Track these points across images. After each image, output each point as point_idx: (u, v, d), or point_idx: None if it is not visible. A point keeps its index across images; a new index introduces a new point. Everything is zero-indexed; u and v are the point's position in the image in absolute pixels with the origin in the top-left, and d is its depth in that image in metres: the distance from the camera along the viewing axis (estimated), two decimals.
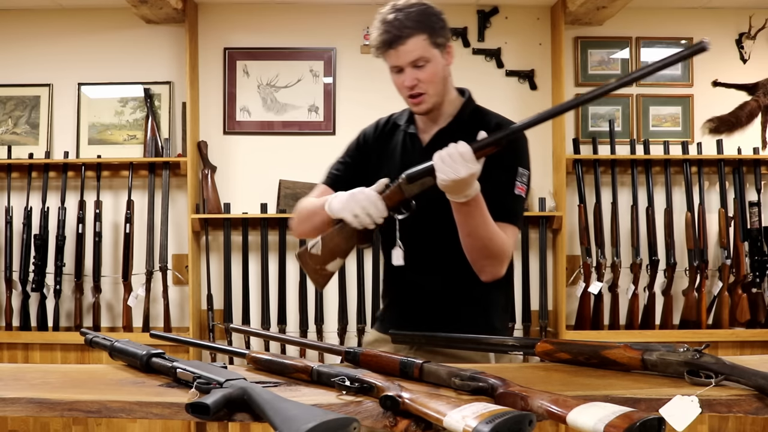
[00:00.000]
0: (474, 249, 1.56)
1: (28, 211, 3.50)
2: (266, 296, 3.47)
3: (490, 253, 1.56)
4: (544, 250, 3.51)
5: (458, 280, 1.67)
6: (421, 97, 1.63)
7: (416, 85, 1.61)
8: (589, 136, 3.64)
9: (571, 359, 1.35)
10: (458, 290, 1.68)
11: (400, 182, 1.52)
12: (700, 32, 3.68)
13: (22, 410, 1.16)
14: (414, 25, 1.57)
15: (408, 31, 1.57)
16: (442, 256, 1.67)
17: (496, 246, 1.55)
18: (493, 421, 0.93)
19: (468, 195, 1.47)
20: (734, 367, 1.17)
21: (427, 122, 1.72)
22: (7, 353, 3.46)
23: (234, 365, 1.45)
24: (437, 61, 1.61)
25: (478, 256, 1.57)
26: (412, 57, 1.59)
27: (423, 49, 1.59)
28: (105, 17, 3.65)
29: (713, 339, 3.39)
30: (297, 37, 3.65)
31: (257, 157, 3.63)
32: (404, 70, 1.61)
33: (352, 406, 1.11)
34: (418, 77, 1.60)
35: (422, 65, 1.60)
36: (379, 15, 1.62)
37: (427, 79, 1.61)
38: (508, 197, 1.61)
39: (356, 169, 1.78)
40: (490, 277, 1.60)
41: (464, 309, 1.69)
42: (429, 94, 1.63)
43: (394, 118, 1.81)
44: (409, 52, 1.58)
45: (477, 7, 3.64)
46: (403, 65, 1.60)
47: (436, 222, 1.62)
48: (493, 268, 1.59)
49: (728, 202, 3.55)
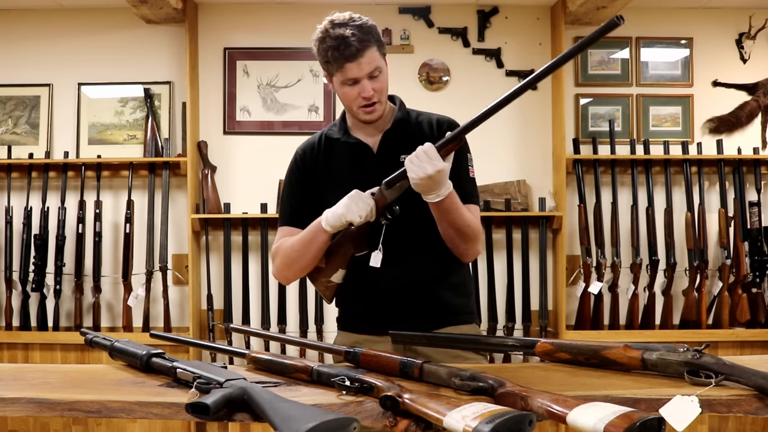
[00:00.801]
0: (455, 238, 1.68)
1: (28, 211, 3.51)
2: (266, 296, 3.47)
3: (468, 238, 1.69)
4: (544, 250, 3.51)
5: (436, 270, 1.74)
6: (374, 106, 1.70)
7: (373, 95, 1.68)
8: (589, 136, 3.64)
9: (571, 359, 1.35)
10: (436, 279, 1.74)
11: (381, 188, 1.61)
12: (700, 32, 3.69)
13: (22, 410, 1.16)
14: (366, 38, 1.64)
15: (364, 44, 1.64)
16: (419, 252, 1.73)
17: (471, 230, 1.68)
18: (493, 421, 0.93)
19: (440, 194, 1.57)
20: (734, 367, 1.17)
21: (368, 129, 1.78)
22: (7, 353, 3.47)
23: (234, 365, 1.45)
24: (385, 71, 1.70)
25: (459, 242, 1.69)
26: (370, 68, 1.65)
27: (377, 59, 1.67)
28: (105, 17, 3.65)
29: (713, 339, 3.39)
30: (297, 37, 3.65)
31: (257, 157, 3.63)
32: (360, 81, 1.66)
33: (352, 406, 1.11)
34: (374, 87, 1.68)
35: (377, 75, 1.67)
36: (324, 32, 1.67)
37: (380, 88, 1.69)
38: (467, 181, 1.74)
39: (308, 197, 1.79)
40: (472, 257, 1.75)
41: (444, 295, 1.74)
42: (381, 102, 1.71)
43: (326, 134, 1.84)
44: (367, 63, 1.65)
45: (477, 7, 3.64)
46: (362, 77, 1.66)
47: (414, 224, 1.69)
48: (473, 248, 1.72)
49: (728, 202, 3.55)
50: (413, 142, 1.59)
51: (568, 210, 3.52)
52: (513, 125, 3.62)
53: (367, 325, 1.76)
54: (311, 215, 1.70)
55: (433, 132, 1.74)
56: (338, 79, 1.68)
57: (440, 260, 1.74)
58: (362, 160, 1.75)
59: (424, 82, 3.56)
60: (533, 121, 3.61)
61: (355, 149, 1.77)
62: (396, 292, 1.72)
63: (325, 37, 1.66)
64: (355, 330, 1.79)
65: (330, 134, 1.83)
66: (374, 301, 1.75)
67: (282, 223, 1.81)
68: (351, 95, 1.69)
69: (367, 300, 1.77)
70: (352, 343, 1.73)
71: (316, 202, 1.74)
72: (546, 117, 3.61)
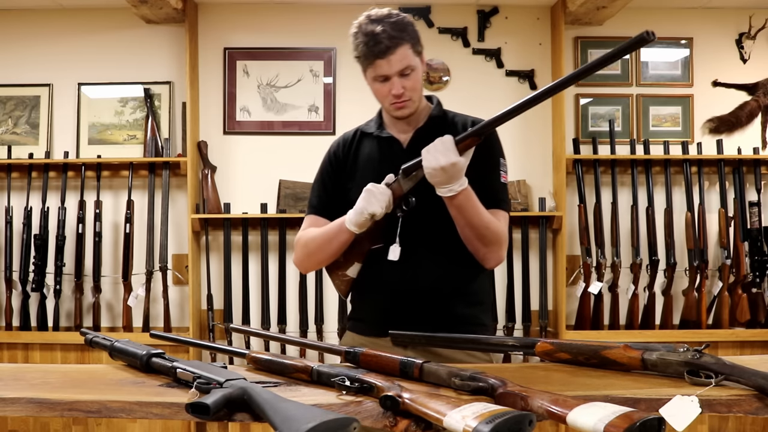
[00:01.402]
0: (473, 239, 1.65)
1: (28, 211, 3.51)
2: (266, 296, 3.47)
3: (488, 241, 1.65)
4: (544, 250, 3.51)
5: (452, 277, 1.72)
6: (405, 103, 1.70)
7: (403, 93, 1.68)
8: (589, 136, 3.64)
9: (571, 359, 1.35)
10: (451, 287, 1.71)
11: (398, 177, 1.62)
12: (700, 32, 3.69)
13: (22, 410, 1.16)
14: (399, 35, 1.64)
15: (396, 41, 1.64)
16: (435, 253, 1.71)
17: (492, 233, 1.65)
18: (493, 421, 0.93)
19: (453, 189, 1.57)
20: (734, 367, 1.17)
21: (402, 126, 1.78)
22: (7, 353, 3.47)
23: (234, 365, 1.45)
24: (419, 69, 1.71)
25: (479, 244, 1.66)
26: (400, 66, 1.66)
27: (409, 58, 1.67)
28: (105, 17, 3.65)
29: (713, 339, 3.39)
30: (297, 37, 3.65)
31: (257, 157, 3.63)
32: (390, 78, 1.67)
33: (352, 406, 1.11)
34: (404, 85, 1.68)
35: (408, 73, 1.68)
36: (358, 27, 1.68)
37: (411, 86, 1.69)
38: (495, 185, 1.72)
39: (337, 189, 1.81)
40: (495, 263, 1.71)
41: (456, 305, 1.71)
42: (413, 99, 1.71)
43: (362, 129, 1.86)
44: (398, 61, 1.65)
45: (477, 7, 3.64)
46: (392, 74, 1.67)
47: (431, 221, 1.68)
48: (495, 253, 1.68)
49: (728, 202, 3.55)
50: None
51: (568, 210, 3.52)
52: (513, 125, 3.57)
53: (372, 328, 1.75)
54: (339, 207, 1.72)
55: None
56: (370, 74, 1.70)
57: (457, 264, 1.71)
58: (391, 155, 1.75)
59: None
60: (533, 121, 3.61)
61: (386, 144, 1.78)
62: (403, 296, 1.71)
63: (358, 32, 1.68)
64: (361, 332, 1.80)
65: (365, 129, 1.85)
66: (382, 302, 1.75)
67: (309, 212, 1.84)
68: (382, 92, 1.70)
69: (375, 301, 1.77)
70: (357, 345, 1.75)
71: (345, 195, 1.76)
72: (546, 117, 3.61)
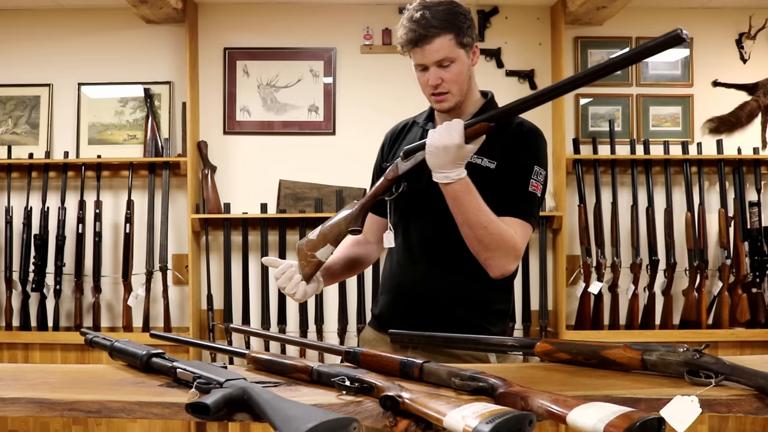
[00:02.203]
0: (472, 239, 1.55)
1: (28, 211, 3.51)
2: (266, 296, 3.47)
3: (487, 244, 1.54)
4: (544, 250, 3.51)
5: (459, 283, 1.68)
6: (444, 96, 1.63)
7: (440, 84, 1.61)
8: (589, 136, 3.64)
9: (571, 359, 1.35)
10: (458, 292, 1.69)
11: (398, 159, 1.58)
12: (700, 32, 3.69)
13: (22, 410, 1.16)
14: (440, 24, 1.57)
15: (435, 31, 1.57)
16: (447, 258, 1.68)
17: (491, 235, 1.53)
18: (493, 421, 0.93)
19: (449, 176, 1.48)
20: (734, 367, 1.17)
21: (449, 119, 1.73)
22: (7, 353, 3.47)
23: (234, 365, 1.45)
24: (462, 61, 1.61)
25: (479, 247, 1.55)
26: (437, 57, 1.58)
27: (449, 49, 1.58)
28: (105, 17, 3.65)
29: (713, 339, 3.39)
30: (297, 37, 3.65)
31: (257, 157, 3.63)
32: (429, 68, 1.61)
33: (352, 406, 1.11)
34: (442, 77, 1.60)
35: (447, 65, 1.60)
36: (406, 11, 1.62)
37: (451, 79, 1.61)
38: (519, 193, 1.61)
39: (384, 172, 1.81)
40: (498, 272, 1.58)
41: (461, 311, 1.68)
42: (452, 93, 1.63)
43: (415, 118, 1.83)
44: (434, 51, 1.58)
45: (477, 7, 3.64)
46: (428, 64, 1.60)
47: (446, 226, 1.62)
48: (498, 261, 1.56)
49: (728, 202, 3.55)
50: (487, 138, 1.50)
51: (568, 210, 3.52)
52: None
53: (382, 324, 1.75)
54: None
55: (508, 136, 1.66)
56: (412, 62, 1.65)
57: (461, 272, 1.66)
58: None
59: None
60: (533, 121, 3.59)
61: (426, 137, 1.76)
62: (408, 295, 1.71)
63: (404, 17, 1.62)
64: (375, 327, 1.80)
65: (416, 119, 1.82)
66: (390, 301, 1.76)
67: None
68: (422, 81, 1.65)
69: (385, 299, 1.78)
70: (370, 340, 1.77)
71: None
72: (546, 117, 3.61)
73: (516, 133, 1.67)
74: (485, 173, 1.61)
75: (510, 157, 1.62)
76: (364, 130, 3.57)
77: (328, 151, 3.62)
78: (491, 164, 1.63)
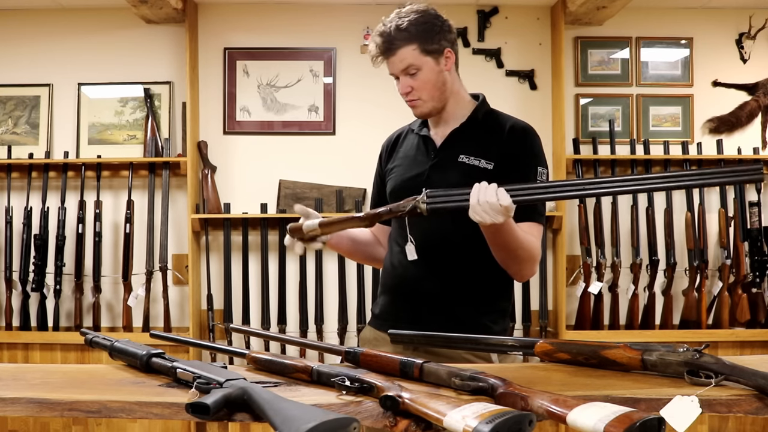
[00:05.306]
0: (507, 259, 1.62)
1: (28, 211, 3.51)
2: (266, 296, 3.47)
3: (522, 259, 1.61)
4: (544, 250, 3.51)
5: (460, 282, 1.70)
6: (415, 102, 1.71)
7: (410, 92, 1.69)
8: (589, 136, 3.64)
9: (571, 359, 1.35)
10: (458, 291, 1.70)
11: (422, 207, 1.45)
12: (700, 32, 3.68)
13: (22, 410, 1.16)
14: (402, 36, 1.65)
15: (397, 43, 1.66)
16: (448, 257, 1.70)
17: (526, 251, 1.60)
18: (493, 421, 0.93)
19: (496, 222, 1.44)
20: (734, 367, 1.17)
21: (439, 124, 1.78)
22: (7, 353, 3.47)
23: (234, 365, 1.45)
24: (429, 68, 1.68)
25: (512, 263, 1.63)
26: (402, 66, 1.68)
27: (413, 58, 1.66)
28: (105, 17, 3.65)
29: (713, 339, 3.39)
30: (297, 37, 3.65)
31: (257, 157, 3.63)
32: (399, 77, 1.70)
33: (352, 406, 1.11)
34: (411, 84, 1.69)
35: (414, 73, 1.68)
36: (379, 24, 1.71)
37: (419, 86, 1.69)
38: None
39: (383, 182, 1.86)
40: (525, 278, 1.69)
41: (463, 310, 1.70)
42: (423, 99, 1.70)
43: (411, 125, 1.88)
44: (398, 61, 1.68)
45: (477, 7, 3.64)
46: (396, 73, 1.70)
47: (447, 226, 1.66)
48: (528, 270, 1.65)
49: (728, 202, 3.55)
50: (479, 143, 1.59)
51: (568, 210, 3.52)
52: None
53: (380, 323, 1.77)
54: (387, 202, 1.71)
55: (503, 137, 1.69)
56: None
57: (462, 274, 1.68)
58: (423, 154, 1.77)
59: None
60: (533, 121, 3.52)
61: (422, 142, 1.79)
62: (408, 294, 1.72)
63: (374, 32, 1.71)
64: (375, 326, 1.81)
65: (412, 126, 1.86)
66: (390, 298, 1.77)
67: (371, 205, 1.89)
68: (397, 89, 1.73)
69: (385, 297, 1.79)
70: (370, 340, 1.78)
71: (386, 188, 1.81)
72: (546, 117, 3.61)
73: (511, 134, 1.71)
74: (483, 174, 1.63)
75: (508, 158, 1.65)
76: (364, 130, 3.57)
77: (328, 151, 3.62)
78: (488, 165, 1.67)
